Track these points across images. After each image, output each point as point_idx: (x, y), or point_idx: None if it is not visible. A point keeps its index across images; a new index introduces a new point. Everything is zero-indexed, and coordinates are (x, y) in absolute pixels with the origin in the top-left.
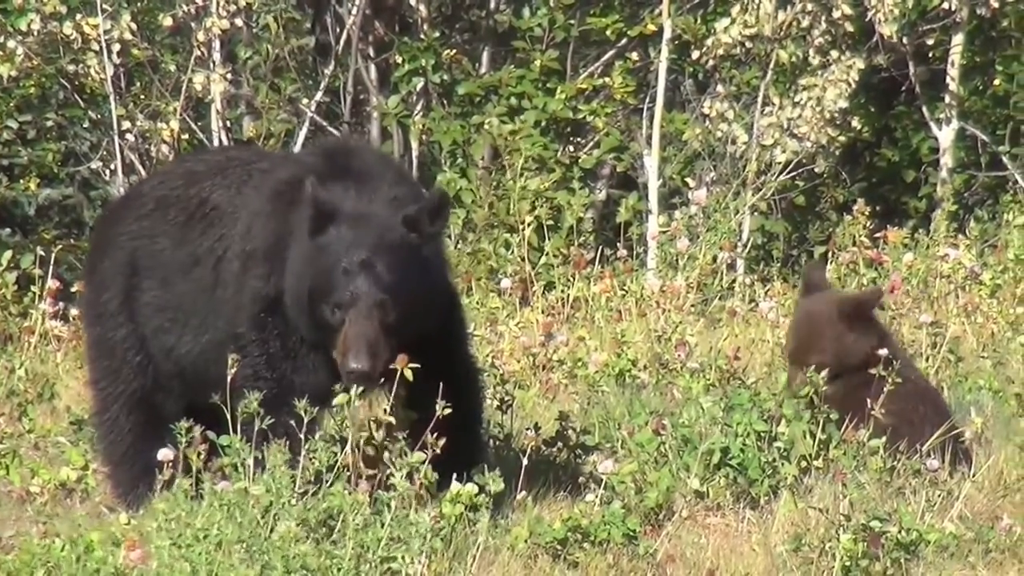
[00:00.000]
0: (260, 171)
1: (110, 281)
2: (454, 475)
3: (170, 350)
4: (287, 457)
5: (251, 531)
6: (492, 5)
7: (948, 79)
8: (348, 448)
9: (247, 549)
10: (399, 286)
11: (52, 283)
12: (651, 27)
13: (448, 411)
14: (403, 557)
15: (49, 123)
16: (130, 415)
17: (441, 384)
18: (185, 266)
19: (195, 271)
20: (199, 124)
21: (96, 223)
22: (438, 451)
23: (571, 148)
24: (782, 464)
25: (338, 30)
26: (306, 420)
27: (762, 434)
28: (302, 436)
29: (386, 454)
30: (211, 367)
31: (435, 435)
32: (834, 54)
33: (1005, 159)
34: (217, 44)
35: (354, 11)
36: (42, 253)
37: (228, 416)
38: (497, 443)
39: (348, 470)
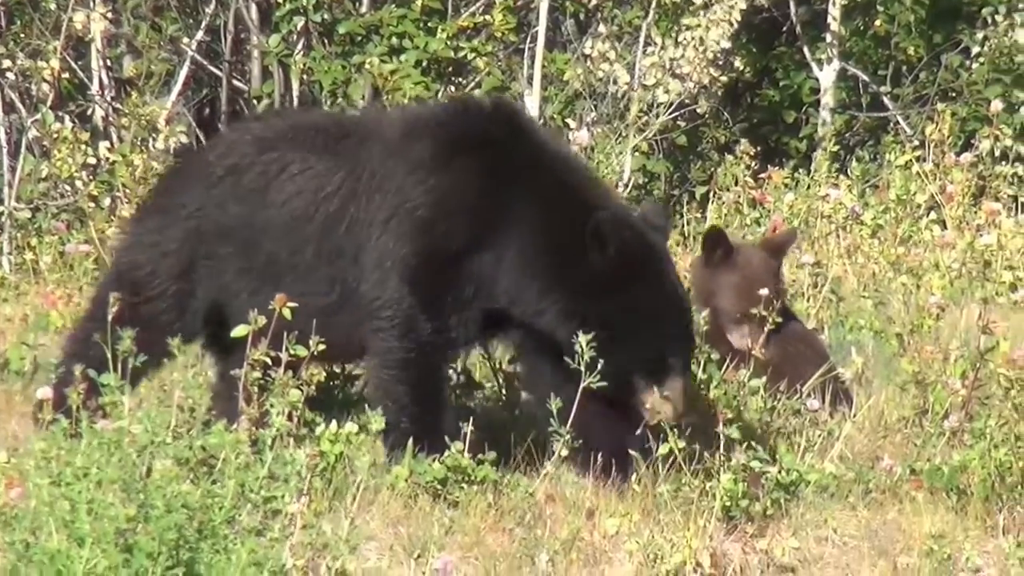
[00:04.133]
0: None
1: (169, 250)
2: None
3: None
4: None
5: (130, 470)
6: None
7: (829, 19)
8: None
9: (126, 488)
10: None
11: None
12: None
13: None
14: (283, 496)
15: None
16: None
17: None
18: (274, 229)
19: (293, 234)
20: (80, 63)
21: (155, 193)
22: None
23: (452, 88)
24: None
25: None
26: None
27: None
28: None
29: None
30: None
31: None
32: None
33: (886, 100)
34: None
35: None
36: None
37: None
38: None
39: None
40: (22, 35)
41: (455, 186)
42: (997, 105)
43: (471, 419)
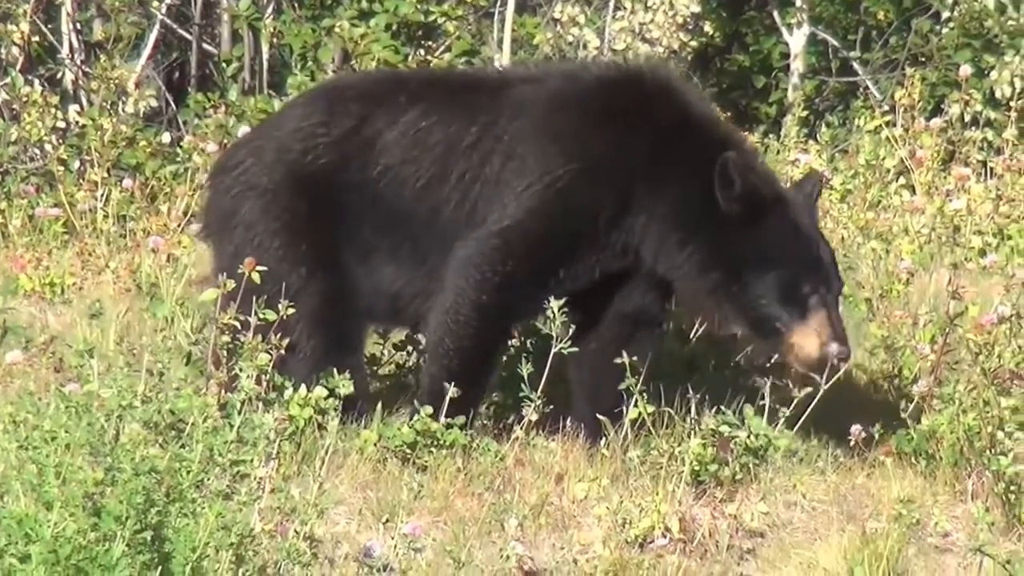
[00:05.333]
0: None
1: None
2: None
3: (390, 284)
4: None
5: (99, 434)
6: None
7: None
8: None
9: (94, 452)
10: None
11: None
12: None
13: None
14: (251, 460)
15: None
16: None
17: None
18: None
19: (430, 191)
20: (49, 27)
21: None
22: None
23: (422, 52)
24: (628, 371)
25: None
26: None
27: None
28: None
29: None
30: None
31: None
32: None
33: (856, 64)
34: None
35: None
36: None
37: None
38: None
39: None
40: None
41: (603, 157)
42: (967, 70)
43: None
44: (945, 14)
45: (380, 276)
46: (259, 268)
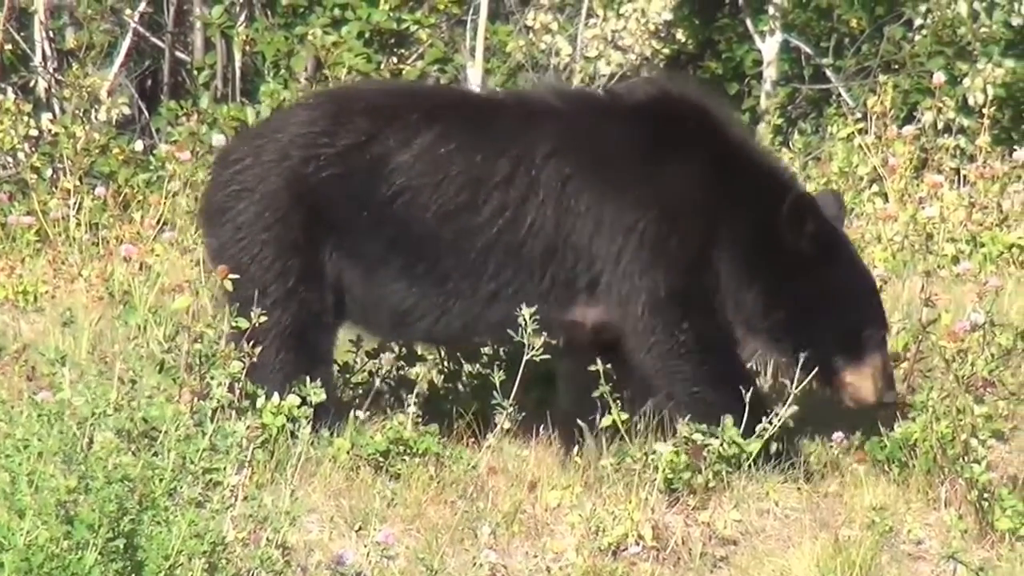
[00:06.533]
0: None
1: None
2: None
3: (399, 300)
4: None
5: (71, 442)
6: None
7: None
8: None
9: (66, 460)
10: None
11: None
12: None
13: None
14: (224, 468)
15: None
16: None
17: None
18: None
19: (456, 218)
20: (22, 35)
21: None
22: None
23: (395, 60)
24: (603, 379)
25: None
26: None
27: None
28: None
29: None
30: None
31: None
32: None
33: (828, 72)
34: None
35: None
36: None
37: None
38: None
39: None
40: None
41: (678, 191)
42: (940, 77)
43: (414, 391)
44: (918, 21)
45: (386, 291)
46: (234, 275)
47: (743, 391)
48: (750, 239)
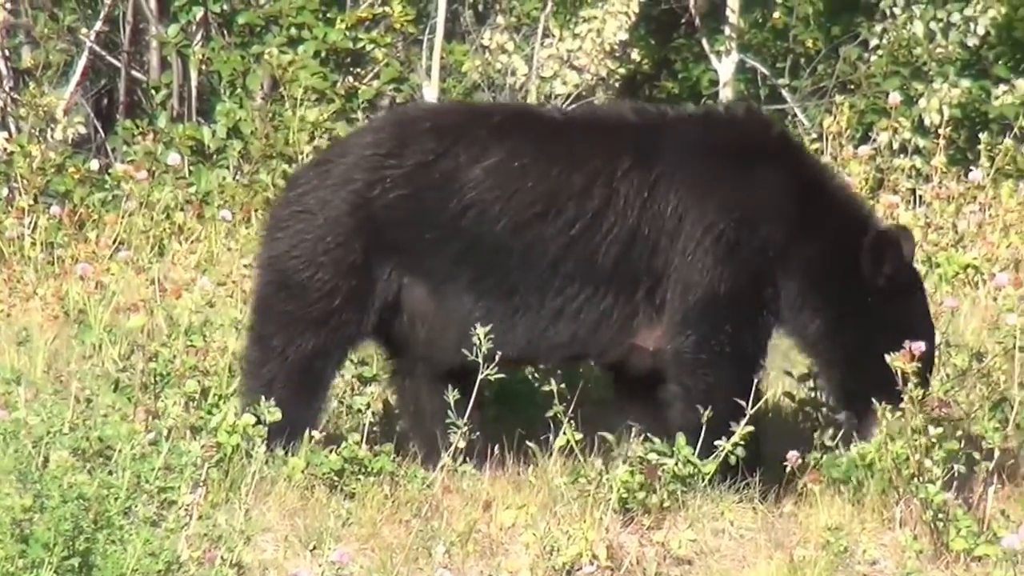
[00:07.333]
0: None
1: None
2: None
3: (467, 313)
4: None
5: (27, 460)
6: None
7: (728, 11)
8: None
9: (22, 478)
10: None
11: None
12: None
13: None
14: (179, 487)
15: None
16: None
17: None
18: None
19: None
20: None
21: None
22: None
23: (351, 79)
24: (556, 399)
25: None
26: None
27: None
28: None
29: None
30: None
31: None
32: None
33: (784, 92)
34: None
35: None
36: None
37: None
38: None
39: None
40: None
41: (759, 204)
42: (895, 97)
43: (368, 409)
44: (874, 42)
45: (454, 306)
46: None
47: (744, 411)
48: (820, 264)
